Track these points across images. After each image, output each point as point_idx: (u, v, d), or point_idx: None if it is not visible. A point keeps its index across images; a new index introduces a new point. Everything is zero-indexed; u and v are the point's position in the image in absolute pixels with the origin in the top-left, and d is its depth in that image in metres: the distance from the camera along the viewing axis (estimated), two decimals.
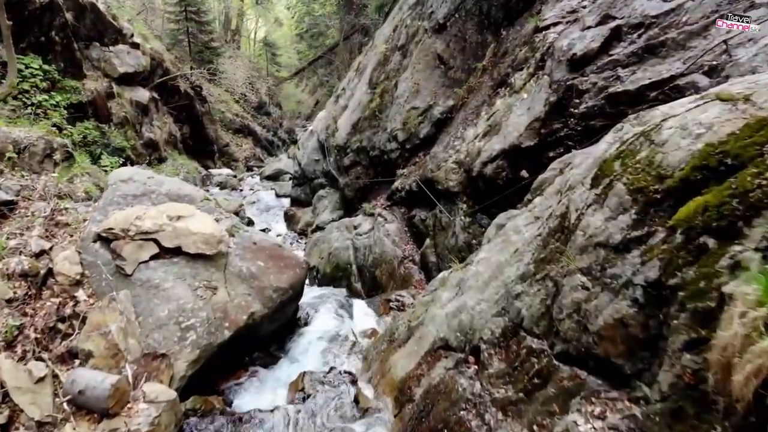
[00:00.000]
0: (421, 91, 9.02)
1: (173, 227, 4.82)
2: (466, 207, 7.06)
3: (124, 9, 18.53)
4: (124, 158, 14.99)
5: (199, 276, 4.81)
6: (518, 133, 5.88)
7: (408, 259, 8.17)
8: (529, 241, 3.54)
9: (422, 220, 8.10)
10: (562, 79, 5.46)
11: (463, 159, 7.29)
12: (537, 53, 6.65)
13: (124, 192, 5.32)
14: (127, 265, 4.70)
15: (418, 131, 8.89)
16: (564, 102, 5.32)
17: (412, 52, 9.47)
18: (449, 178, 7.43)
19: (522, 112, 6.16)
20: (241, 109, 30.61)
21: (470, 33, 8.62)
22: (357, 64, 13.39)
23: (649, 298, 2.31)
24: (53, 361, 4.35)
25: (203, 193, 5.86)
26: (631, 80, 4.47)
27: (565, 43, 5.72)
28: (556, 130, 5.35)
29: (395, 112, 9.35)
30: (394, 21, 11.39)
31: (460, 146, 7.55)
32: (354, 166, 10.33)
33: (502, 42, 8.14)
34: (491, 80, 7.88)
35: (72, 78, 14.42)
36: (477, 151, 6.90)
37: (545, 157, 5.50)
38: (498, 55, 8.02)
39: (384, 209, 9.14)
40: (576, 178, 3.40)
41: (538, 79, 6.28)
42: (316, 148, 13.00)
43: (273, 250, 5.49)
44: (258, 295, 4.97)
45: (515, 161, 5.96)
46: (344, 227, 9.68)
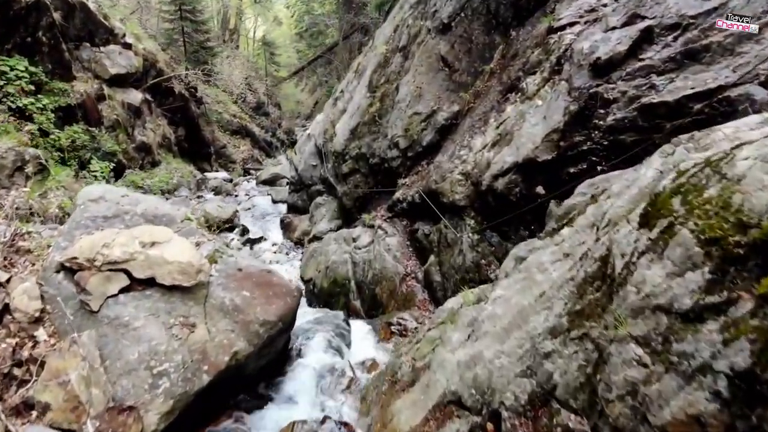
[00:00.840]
0: (423, 95, 8.45)
1: (146, 255, 4.25)
2: (473, 223, 6.49)
3: (116, 8, 17.96)
4: (115, 162, 14.44)
5: (176, 311, 4.25)
6: (533, 145, 5.30)
7: (410, 276, 7.61)
8: (560, 285, 2.97)
9: (426, 235, 7.53)
10: (583, 86, 4.88)
11: (470, 170, 6.72)
12: (552, 56, 6.08)
13: (94, 213, 4.75)
14: (92, 301, 4.13)
15: (420, 138, 8.32)
16: (587, 112, 4.74)
17: (414, 54, 8.89)
18: (455, 191, 6.86)
19: (537, 122, 5.59)
20: (239, 109, 30.06)
21: (477, 33, 8.04)
22: (356, 65, 12.82)
23: (737, 392, 1.74)
24: (7, 413, 3.79)
25: (184, 212, 5.29)
26: (669, 90, 3.90)
27: (586, 45, 5.15)
28: (578, 143, 4.78)
29: (396, 117, 8.78)
30: (395, 20, 10.81)
31: (467, 156, 6.98)
32: (353, 174, 9.77)
33: (511, 43, 7.56)
34: (500, 84, 7.30)
35: (60, 80, 13.84)
36: (486, 162, 6.33)
37: (565, 172, 4.93)
38: (507, 58, 7.44)
39: (384, 221, 8.57)
40: (617, 212, 2.83)
41: (554, 84, 5.70)
42: (314, 153, 12.44)
43: (261, 277, 4.92)
44: (242, 331, 4.41)
45: (530, 176, 5.38)
46: (342, 239, 9.12)
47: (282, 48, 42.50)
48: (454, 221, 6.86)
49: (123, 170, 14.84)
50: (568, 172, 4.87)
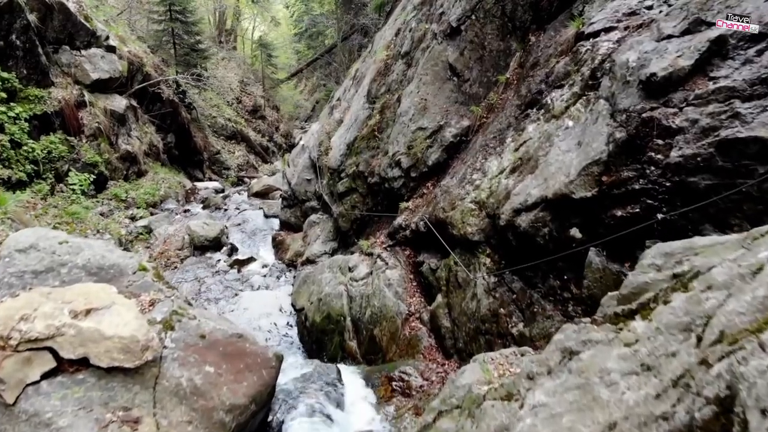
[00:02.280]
0: (429, 108, 7.49)
1: (78, 329, 3.29)
2: (489, 262, 5.53)
3: (101, 9, 16.99)
4: (96, 174, 13.46)
5: (115, 401, 3.29)
6: (567, 178, 4.34)
7: (414, 316, 6.64)
8: (642, 422, 2.01)
9: (432, 270, 6.57)
10: (632, 109, 3.92)
11: (485, 199, 5.76)
12: (584, 67, 5.12)
13: (21, 267, 3.79)
14: (6, 391, 3.17)
15: (425, 157, 7.36)
16: (639, 142, 3.79)
17: (419, 61, 7.93)
18: (467, 222, 5.89)
19: (569, 147, 4.63)
20: (234, 113, 29.12)
21: (490, 39, 7.09)
22: (354, 71, 11.87)
23: None
24: None
25: (137, 261, 4.32)
26: (762, 121, 2.95)
27: (633, 57, 4.19)
28: (627, 180, 3.82)
29: (398, 132, 7.82)
30: (397, 23, 9.86)
31: (481, 181, 6.02)
32: (349, 193, 8.81)
33: (530, 50, 6.61)
34: (518, 98, 6.35)
35: (37, 86, 12.87)
36: (504, 191, 5.38)
37: (609, 215, 3.97)
38: (526, 67, 6.49)
39: (385, 249, 7.61)
40: (734, 321, 1.88)
41: (589, 103, 4.74)
42: (308, 166, 11.48)
43: (230, 345, 3.96)
44: (203, 422, 3.45)
45: (562, 215, 4.43)
46: (337, 267, 8.16)
47: (280, 49, 41.59)
48: (466, 258, 5.90)
49: (105, 182, 13.88)
50: (614, 216, 3.91)
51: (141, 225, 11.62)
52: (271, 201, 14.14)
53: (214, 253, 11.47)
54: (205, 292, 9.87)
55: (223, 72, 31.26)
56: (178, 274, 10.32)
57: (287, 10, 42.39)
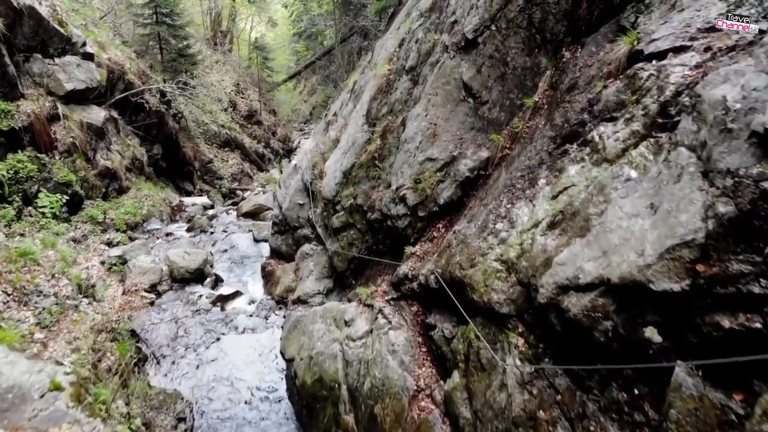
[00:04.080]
0: (440, 134, 6.31)
1: None
2: (523, 344, 4.35)
3: (81, 12, 15.77)
4: (69, 194, 12.27)
5: None
6: (640, 258, 3.17)
7: (424, 393, 5.46)
8: None
9: (446, 339, 5.39)
10: (744, 173, 2.75)
11: (514, 259, 4.58)
12: (646, 98, 3.95)
13: None
14: None
15: (436, 194, 6.18)
16: (757, 222, 2.62)
17: (427, 78, 6.75)
18: (492, 287, 4.72)
19: (636, 210, 3.45)
20: (229, 119, 27.98)
21: (513, 53, 5.90)
22: (352, 82, 10.69)
23: None
24: None
25: (48, 376, 3.13)
26: None
27: (733, 95, 3.02)
28: (740, 276, 2.66)
29: (402, 161, 6.64)
30: (400, 32, 8.67)
31: (508, 234, 4.84)
32: (346, 228, 7.63)
33: (564, 69, 5.43)
34: (551, 127, 5.17)
35: (4, 99, 11.67)
36: (543, 254, 4.20)
37: (710, 322, 2.79)
38: (560, 90, 5.30)
39: (387, 303, 6.44)
40: None
41: (661, 149, 3.56)
42: (301, 189, 10.31)
43: None
44: None
45: (633, 307, 3.25)
46: (332, 318, 6.99)
47: (278, 50, 40.40)
48: (491, 331, 4.72)
49: (80, 202, 12.69)
50: (717, 325, 2.74)
51: (115, 255, 10.44)
52: (262, 223, 12.96)
53: (196, 285, 10.30)
54: (182, 337, 8.70)
55: (218, 76, 30.09)
56: (153, 313, 9.14)
57: (285, 9, 41.22)
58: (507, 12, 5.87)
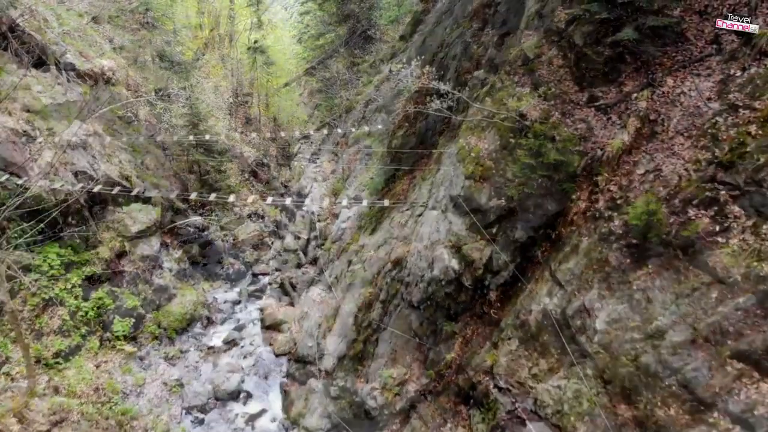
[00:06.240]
0: (398, 359, 9.98)
1: None
2: None
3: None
4: (135, 316, 16.15)
5: None
6: None
7: None
8: None
9: None
10: None
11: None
12: None
13: None
14: None
15: (396, 400, 9.82)
16: None
17: (392, 314, 10.43)
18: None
19: None
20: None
21: (435, 326, 9.52)
22: (358, 247, 14.33)
23: None
24: None
25: None
26: None
27: None
28: None
29: (376, 369, 10.31)
30: (383, 234, 12.37)
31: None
32: (339, 399, 11.30)
33: None
34: None
35: (86, 249, 15.62)
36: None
37: None
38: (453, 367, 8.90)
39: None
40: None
41: None
42: (310, 334, 14.02)
43: None
44: None
45: None
46: None
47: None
48: None
49: (142, 319, 16.48)
50: None
51: (174, 378, 14.28)
52: (280, 337, 16.68)
53: (233, 403, 14.08)
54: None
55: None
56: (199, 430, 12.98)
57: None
58: (436, 296, 9.50)
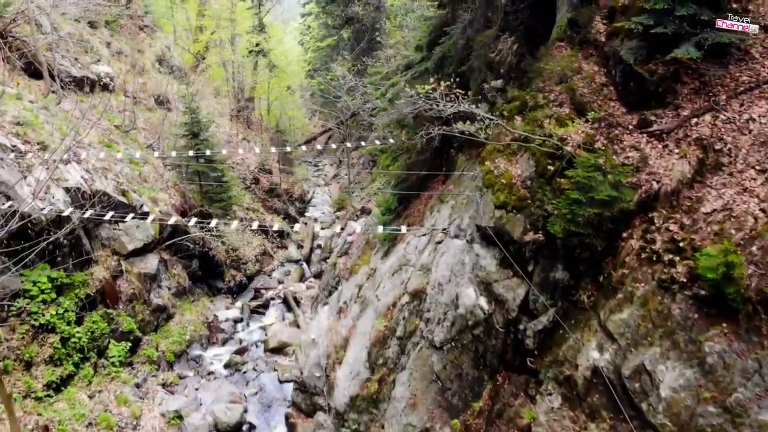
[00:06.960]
0: (417, 405, 9.01)
1: None
2: None
3: None
4: (131, 339, 15.23)
5: None
6: None
7: None
8: None
9: None
10: None
11: None
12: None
13: None
14: None
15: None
16: None
17: (410, 353, 9.46)
18: None
19: None
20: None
21: (466, 366, 8.56)
22: (365, 273, 13.40)
23: None
24: None
25: None
26: None
27: None
28: None
29: (392, 414, 9.35)
30: (398, 259, 11.40)
31: None
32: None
33: (498, 391, 8.07)
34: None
35: (81, 269, 14.68)
36: None
37: None
38: (493, 413, 7.95)
39: None
40: None
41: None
42: (317, 363, 13.09)
43: None
44: None
45: None
46: None
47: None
48: None
49: (139, 342, 15.56)
50: None
51: (172, 410, 13.35)
52: (285, 362, 15.78)
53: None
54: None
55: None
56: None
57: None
58: (462, 338, 8.54)
